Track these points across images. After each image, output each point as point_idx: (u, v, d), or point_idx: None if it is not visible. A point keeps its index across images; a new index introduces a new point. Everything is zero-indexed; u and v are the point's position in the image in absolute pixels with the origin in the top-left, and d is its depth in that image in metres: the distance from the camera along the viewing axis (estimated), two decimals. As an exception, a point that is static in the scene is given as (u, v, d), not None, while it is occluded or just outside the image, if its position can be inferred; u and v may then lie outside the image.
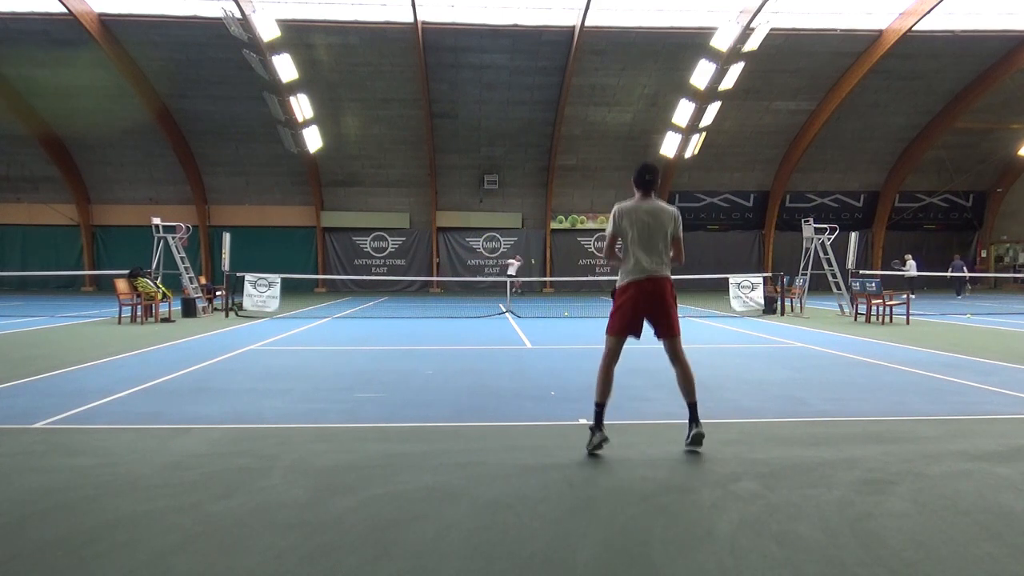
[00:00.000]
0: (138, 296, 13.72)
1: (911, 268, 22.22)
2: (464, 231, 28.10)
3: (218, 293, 16.96)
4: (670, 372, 4.43)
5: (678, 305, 4.38)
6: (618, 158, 27.02)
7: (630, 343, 4.32)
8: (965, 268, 23.32)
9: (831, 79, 23.60)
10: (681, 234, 4.43)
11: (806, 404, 5.77)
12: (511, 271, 23.74)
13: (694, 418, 4.27)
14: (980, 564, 2.68)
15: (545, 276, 27.67)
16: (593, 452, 4.20)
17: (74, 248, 27.41)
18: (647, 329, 4.36)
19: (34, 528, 3.06)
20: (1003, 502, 3.37)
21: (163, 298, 14.38)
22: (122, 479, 3.75)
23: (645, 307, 4.24)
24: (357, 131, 25.53)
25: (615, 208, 4.39)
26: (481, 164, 27.08)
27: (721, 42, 19.48)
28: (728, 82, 20.61)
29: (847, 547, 2.83)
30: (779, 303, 15.84)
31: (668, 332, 4.29)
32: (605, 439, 4.20)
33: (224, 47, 20.41)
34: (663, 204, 4.41)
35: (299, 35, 20.49)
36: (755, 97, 24.21)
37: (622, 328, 4.27)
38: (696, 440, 4.24)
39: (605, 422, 4.24)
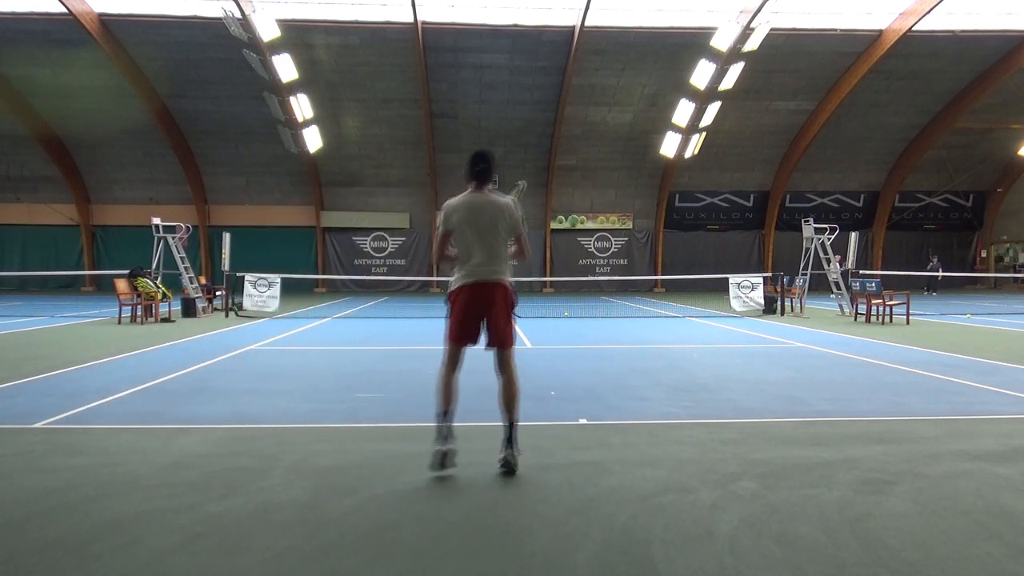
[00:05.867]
0: (138, 296, 13.70)
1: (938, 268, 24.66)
2: (464, 231, 28.10)
3: (218, 293, 16.94)
4: (670, 372, 4.42)
5: (514, 313, 3.98)
6: (618, 158, 27.04)
7: (631, 340, 4.30)
8: (940, 268, 24.95)
9: (831, 79, 23.60)
10: (523, 228, 4.00)
11: (806, 404, 5.76)
12: None
13: (509, 438, 3.80)
14: (980, 564, 2.68)
15: (545, 276, 27.67)
16: (440, 467, 3.71)
17: (74, 248, 27.42)
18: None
19: (34, 528, 3.06)
20: (1003, 502, 3.36)
21: (163, 298, 14.36)
22: (122, 479, 3.74)
23: (476, 313, 3.85)
24: (357, 131, 25.53)
25: (445, 204, 3.96)
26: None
27: (721, 42, 19.49)
28: (728, 82, 20.63)
29: (847, 547, 2.83)
30: (779, 303, 15.83)
31: (497, 341, 3.90)
32: (446, 452, 3.73)
33: (224, 47, 20.42)
34: (497, 197, 3.93)
35: (299, 35, 20.50)
36: (755, 97, 24.22)
37: (459, 335, 3.87)
38: (505, 464, 3.76)
39: (607, 421, 4.21)
